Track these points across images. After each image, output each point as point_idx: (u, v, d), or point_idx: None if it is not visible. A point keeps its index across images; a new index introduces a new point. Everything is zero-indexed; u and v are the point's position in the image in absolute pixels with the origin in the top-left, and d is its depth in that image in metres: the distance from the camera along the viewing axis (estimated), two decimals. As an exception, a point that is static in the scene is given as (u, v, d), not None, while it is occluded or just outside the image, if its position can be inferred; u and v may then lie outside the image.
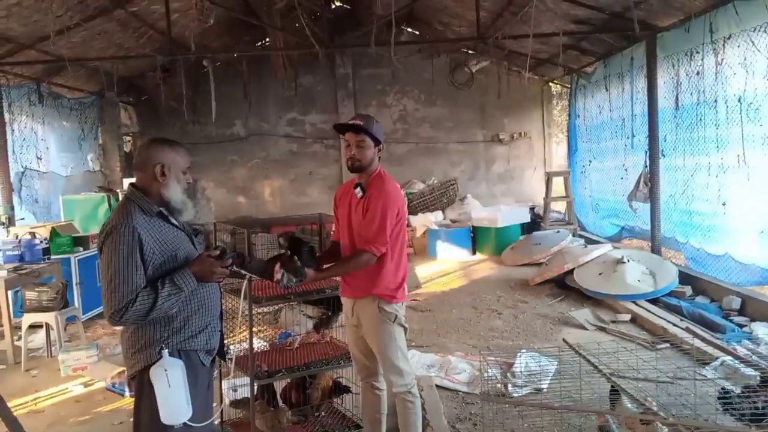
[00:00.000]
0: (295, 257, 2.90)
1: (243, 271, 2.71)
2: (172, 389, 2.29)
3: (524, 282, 7.84)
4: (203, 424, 2.46)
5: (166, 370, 2.30)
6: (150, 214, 2.42)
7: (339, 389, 4.00)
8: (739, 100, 5.80)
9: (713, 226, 6.42)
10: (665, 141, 7.34)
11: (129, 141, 12.11)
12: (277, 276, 2.82)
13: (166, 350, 2.36)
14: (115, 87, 10.02)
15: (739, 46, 5.78)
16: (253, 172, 12.33)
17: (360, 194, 3.17)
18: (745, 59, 5.70)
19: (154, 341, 2.39)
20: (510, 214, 10.23)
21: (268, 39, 11.21)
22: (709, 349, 4.77)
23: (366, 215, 3.11)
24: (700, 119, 6.49)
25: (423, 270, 9.06)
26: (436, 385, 4.51)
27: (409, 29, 11.89)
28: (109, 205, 7.95)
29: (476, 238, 10.26)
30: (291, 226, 10.98)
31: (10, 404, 3.09)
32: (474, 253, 10.18)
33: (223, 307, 2.79)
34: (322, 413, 4.00)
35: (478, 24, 8.07)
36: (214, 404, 2.64)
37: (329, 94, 12.16)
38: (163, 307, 2.33)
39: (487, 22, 9.12)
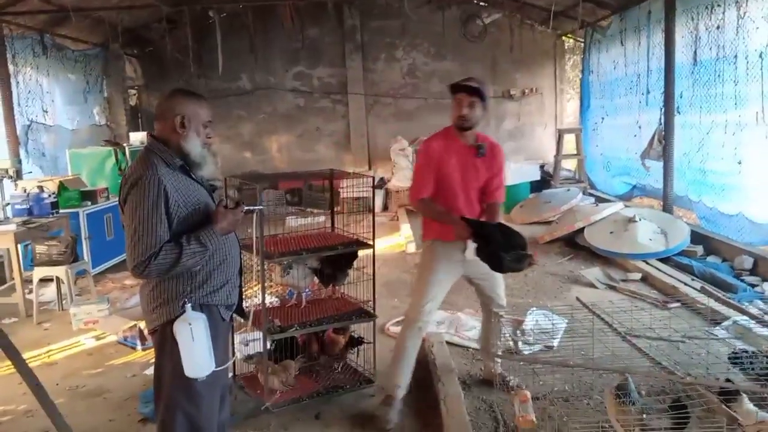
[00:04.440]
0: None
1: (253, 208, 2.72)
2: (195, 343, 2.28)
3: (533, 240, 7.80)
4: (222, 367, 2.48)
5: (189, 324, 2.28)
6: (173, 167, 2.38)
7: (354, 342, 4.02)
8: (760, 56, 5.62)
9: (727, 185, 6.32)
10: (681, 97, 7.16)
11: (134, 94, 11.98)
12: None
13: (189, 304, 2.34)
14: (120, 38, 9.85)
15: (763, -1, 5.59)
16: (259, 127, 12.19)
17: (482, 153, 3.41)
18: (769, 12, 5.51)
19: (176, 295, 2.37)
20: (519, 172, 10.11)
21: (275, -11, 10.94)
22: (722, 309, 4.75)
23: (498, 172, 3.50)
24: (719, 75, 6.32)
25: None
26: (447, 342, 4.53)
27: (420, -20, 11.57)
28: (116, 159, 7.90)
29: (485, 195, 10.17)
30: (299, 181, 10.94)
31: (23, 356, 3.10)
32: (482, 210, 10.11)
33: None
34: (338, 369, 4.02)
35: (492, -26, 7.83)
36: (231, 361, 2.64)
37: (337, 46, 11.90)
38: (187, 263, 2.30)
39: (501, -27, 8.87)
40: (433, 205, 3.41)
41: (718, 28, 6.30)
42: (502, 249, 3.14)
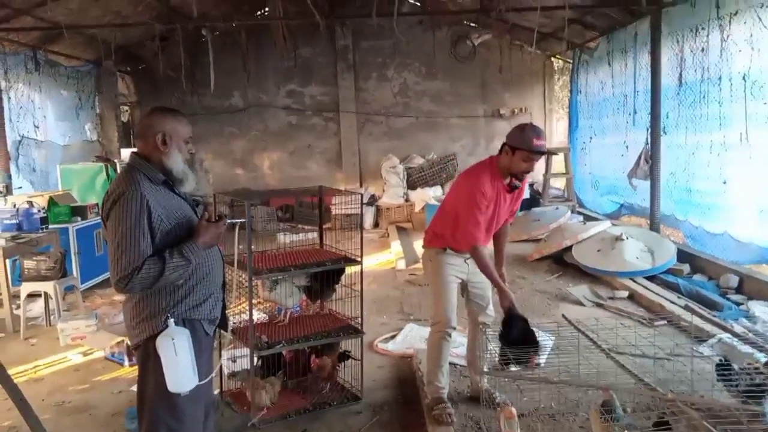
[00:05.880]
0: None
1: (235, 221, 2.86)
2: (178, 358, 2.29)
3: (522, 258, 7.85)
4: (204, 381, 2.48)
5: (173, 339, 2.29)
6: (156, 182, 2.41)
7: (342, 357, 4.03)
8: (743, 78, 5.74)
9: (713, 205, 6.41)
10: (667, 118, 7.29)
11: (127, 111, 12.01)
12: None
13: (172, 319, 2.35)
14: (113, 56, 9.87)
15: (745, 23, 5.70)
16: (251, 144, 12.24)
17: (516, 186, 3.58)
18: (751, 36, 5.63)
19: (159, 310, 2.38)
20: (509, 190, 10.16)
21: (267, 8, 11.04)
22: (707, 327, 4.79)
23: (520, 202, 3.74)
24: (704, 97, 6.43)
25: (420, 245, 9.04)
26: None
27: (411, 0, 11.72)
28: (107, 175, 7.91)
29: (475, 213, 10.21)
30: (290, 198, 10.98)
31: (9, 372, 3.09)
32: (472, 228, 10.14)
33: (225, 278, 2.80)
34: (326, 387, 4.01)
35: (482, -4, 7.96)
36: (213, 374, 2.64)
37: (329, 66, 12.02)
38: (170, 277, 2.32)
39: (491, -6, 8.99)
40: (486, 257, 3.46)
41: (702, 50, 6.43)
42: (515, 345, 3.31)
